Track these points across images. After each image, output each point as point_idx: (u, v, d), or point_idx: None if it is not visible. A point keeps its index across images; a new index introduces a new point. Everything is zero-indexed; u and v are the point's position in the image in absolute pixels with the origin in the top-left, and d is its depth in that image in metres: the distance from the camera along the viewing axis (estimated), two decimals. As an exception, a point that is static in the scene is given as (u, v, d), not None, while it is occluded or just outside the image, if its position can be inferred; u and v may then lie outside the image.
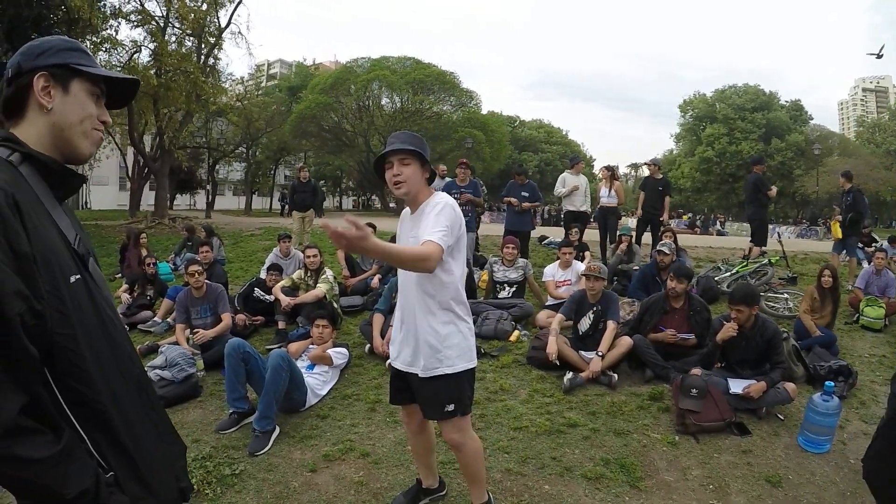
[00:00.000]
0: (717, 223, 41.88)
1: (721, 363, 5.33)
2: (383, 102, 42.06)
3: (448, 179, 10.47)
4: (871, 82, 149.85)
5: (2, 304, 1.17)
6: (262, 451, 4.16)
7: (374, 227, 9.28)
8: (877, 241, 15.19)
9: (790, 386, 4.94)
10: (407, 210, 3.09)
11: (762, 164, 11.79)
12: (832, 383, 4.56)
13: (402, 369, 3.05)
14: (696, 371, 5.02)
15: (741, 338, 5.05)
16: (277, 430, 4.42)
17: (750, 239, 11.72)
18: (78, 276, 1.42)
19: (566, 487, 3.74)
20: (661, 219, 10.73)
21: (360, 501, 3.56)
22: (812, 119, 56.23)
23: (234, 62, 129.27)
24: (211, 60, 23.18)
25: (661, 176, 11.33)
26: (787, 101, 55.10)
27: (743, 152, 49.86)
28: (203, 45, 22.47)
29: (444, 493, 3.62)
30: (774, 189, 10.94)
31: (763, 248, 11.21)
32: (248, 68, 33.18)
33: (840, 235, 10.51)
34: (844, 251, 10.51)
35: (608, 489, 3.73)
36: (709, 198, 54.06)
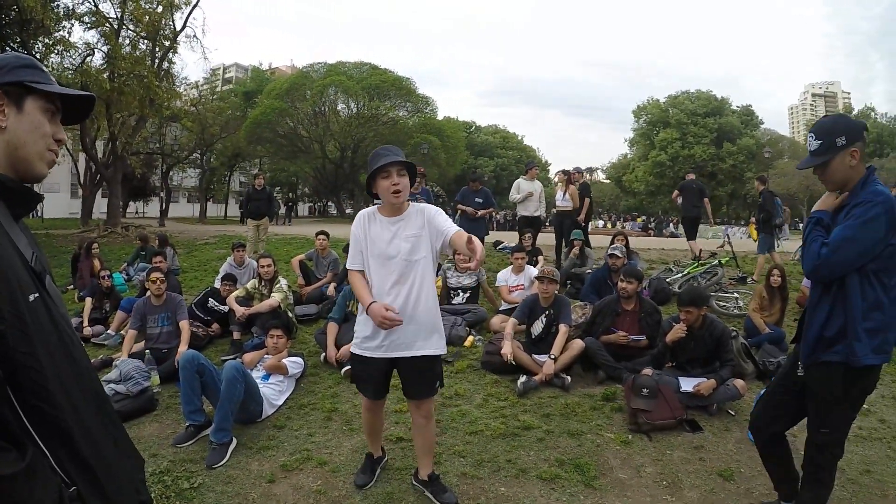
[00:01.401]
0: (671, 225, 42.55)
1: (672, 363, 5.44)
2: (339, 108, 42.01)
3: None
4: (820, 88, 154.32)
5: None
6: (219, 464, 4.13)
7: (326, 234, 9.27)
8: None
9: (739, 382, 5.10)
10: (376, 215, 3.47)
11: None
12: None
13: (394, 356, 3.42)
14: (648, 371, 5.13)
15: (690, 338, 5.18)
16: (234, 441, 4.38)
17: (688, 238, 12.52)
18: (36, 295, 1.40)
19: (522, 489, 3.79)
20: (578, 219, 11.08)
21: (318, 510, 3.56)
22: (763, 123, 57.49)
23: (189, 66, 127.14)
24: (165, 64, 22.75)
25: (581, 181, 11.67)
26: (738, 107, 56.10)
27: (695, 156, 50.76)
28: (157, 49, 22.03)
29: (385, 459, 4.07)
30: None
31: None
32: (203, 72, 33.05)
33: (756, 236, 10.96)
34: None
35: (563, 489, 3.79)
36: (662, 200, 54.83)
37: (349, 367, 5.31)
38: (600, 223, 43.63)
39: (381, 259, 3.36)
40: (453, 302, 7.65)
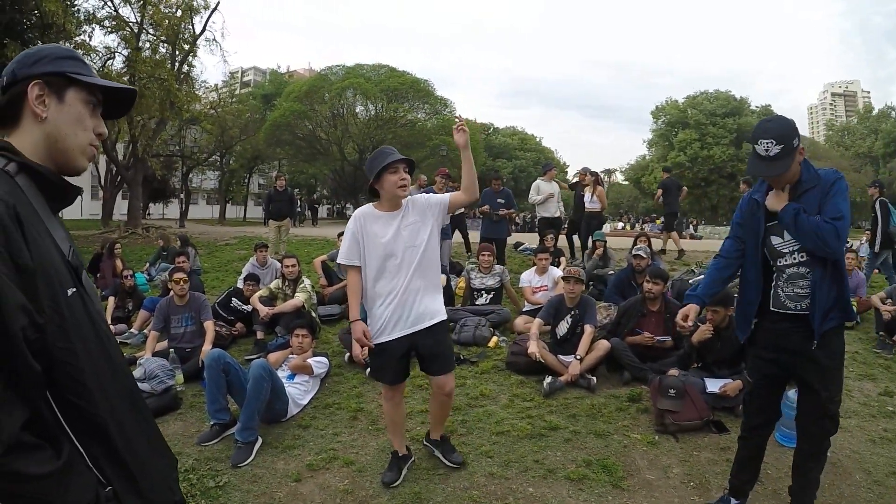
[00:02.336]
0: (690, 227, 42.37)
1: (698, 363, 5.43)
2: (357, 110, 41.97)
3: (426, 188, 10.54)
4: (839, 87, 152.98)
5: (4, 318, 1.15)
6: (245, 463, 4.15)
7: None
8: (848, 243, 15.47)
9: (765, 383, 5.07)
10: (375, 212, 3.79)
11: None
12: None
13: (407, 333, 3.64)
14: (674, 372, 5.11)
15: (716, 338, 5.18)
16: (260, 440, 4.41)
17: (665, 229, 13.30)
18: (74, 290, 1.39)
19: (550, 489, 3.78)
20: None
21: (347, 509, 3.57)
22: (783, 124, 57.25)
23: (209, 69, 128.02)
24: (185, 68, 22.94)
25: (585, 182, 11.66)
26: (757, 107, 55.69)
27: (714, 157, 50.52)
28: (177, 52, 22.22)
29: (412, 459, 4.08)
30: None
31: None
32: (222, 75, 33.16)
33: None
34: None
35: (591, 490, 3.78)
36: (682, 202, 54.86)
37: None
38: (620, 225, 43.46)
39: (385, 253, 3.64)
40: (477, 303, 7.65)
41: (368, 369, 5.64)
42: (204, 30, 22.50)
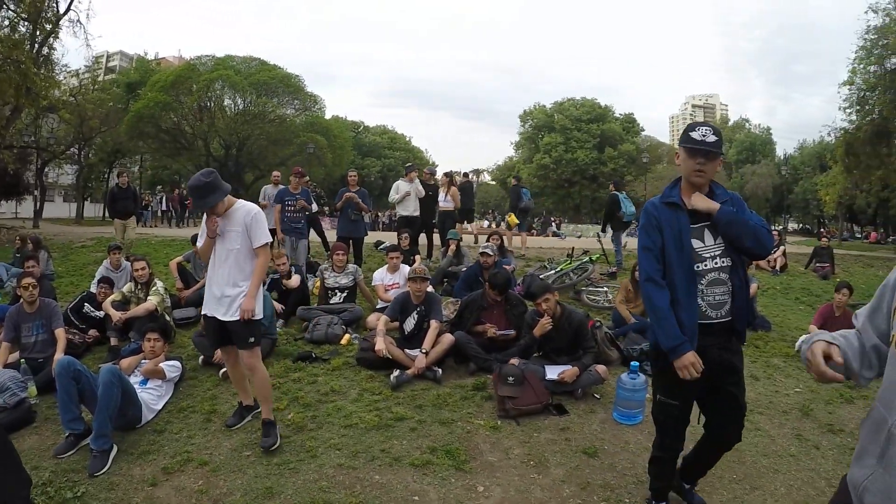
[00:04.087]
0: (554, 225, 43.99)
1: (539, 352, 5.83)
2: (226, 103, 40.96)
3: (282, 187, 10.63)
4: (700, 99, 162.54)
5: None
6: (101, 471, 4.10)
7: None
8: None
9: (601, 368, 5.60)
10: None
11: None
12: (637, 363, 5.15)
13: (218, 318, 4.42)
14: (514, 361, 5.47)
15: (553, 329, 5.59)
16: (115, 448, 4.35)
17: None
18: None
19: (395, 476, 4.01)
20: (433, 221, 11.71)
21: (203, 510, 3.66)
22: (644, 130, 60.80)
23: (70, 53, 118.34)
24: (45, 50, 21.21)
25: (432, 182, 12.12)
26: (621, 114, 58.84)
27: (578, 160, 53.08)
28: (38, 33, 20.49)
29: (258, 409, 4.80)
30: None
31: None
32: (84, 60, 31.02)
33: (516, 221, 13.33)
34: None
35: (435, 474, 4.03)
36: (546, 201, 56.66)
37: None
38: (485, 223, 44.50)
39: (220, 246, 4.44)
40: (331, 302, 7.80)
41: (221, 371, 5.75)
42: (69, 9, 20.98)
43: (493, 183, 69.45)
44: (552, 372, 5.43)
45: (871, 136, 25.00)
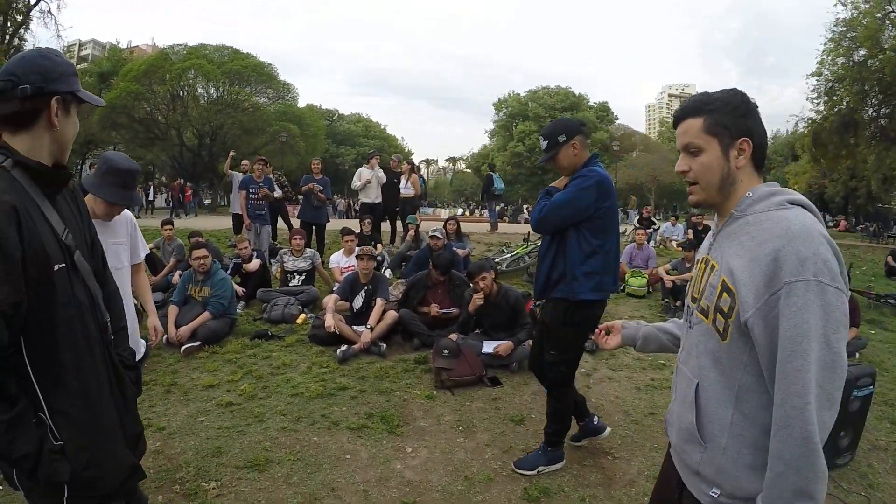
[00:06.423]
0: (526, 212, 44.30)
1: (479, 329, 6.19)
2: (199, 93, 40.78)
3: (247, 174, 10.92)
4: (676, 89, 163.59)
5: None
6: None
7: (171, 223, 9.52)
8: (655, 223, 17.25)
9: (535, 343, 5.94)
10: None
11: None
12: None
13: None
14: (453, 336, 5.85)
15: (490, 306, 5.93)
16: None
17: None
18: (62, 265, 1.65)
19: (332, 438, 4.32)
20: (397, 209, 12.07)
21: (157, 465, 3.94)
22: (618, 119, 61.24)
23: (42, 44, 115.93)
24: (16, 41, 21.27)
25: (398, 169, 12.41)
26: (595, 103, 59.19)
27: (551, 147, 53.31)
28: (9, 24, 20.55)
29: None
30: None
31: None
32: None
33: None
34: None
35: (369, 436, 4.35)
36: (520, 189, 57.05)
37: (188, 346, 5.78)
38: (459, 211, 44.85)
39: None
40: (290, 284, 8.14)
41: (182, 348, 6.06)
42: (39, 0, 20.99)
43: (468, 171, 69.72)
44: (489, 346, 5.78)
45: (838, 127, 25.63)
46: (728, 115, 1.59)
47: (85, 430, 1.69)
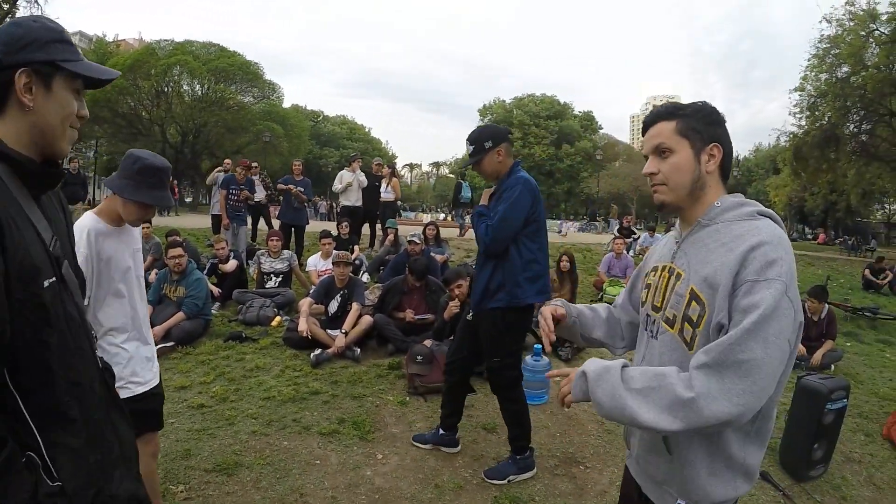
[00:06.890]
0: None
1: (454, 335, 6.16)
2: (183, 89, 40.70)
3: (229, 174, 10.95)
4: (661, 99, 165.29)
5: None
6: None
7: (149, 222, 9.48)
8: (635, 233, 17.38)
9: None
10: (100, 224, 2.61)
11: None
12: (540, 346, 5.39)
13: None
14: (427, 342, 5.86)
15: (466, 313, 5.93)
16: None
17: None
18: (52, 279, 1.34)
19: (302, 443, 4.31)
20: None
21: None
22: (602, 129, 61.64)
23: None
24: None
25: (380, 173, 12.39)
26: (580, 112, 59.65)
27: (535, 155, 53.70)
28: None
29: None
30: None
31: None
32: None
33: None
34: None
35: (339, 442, 4.35)
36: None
37: (161, 346, 5.75)
38: (441, 216, 44.89)
39: (129, 280, 2.73)
40: (266, 286, 8.12)
41: (157, 347, 5.97)
42: None
43: (452, 176, 69.94)
44: (462, 353, 5.77)
45: (819, 141, 26.17)
46: (700, 121, 1.62)
47: (90, 464, 1.43)
